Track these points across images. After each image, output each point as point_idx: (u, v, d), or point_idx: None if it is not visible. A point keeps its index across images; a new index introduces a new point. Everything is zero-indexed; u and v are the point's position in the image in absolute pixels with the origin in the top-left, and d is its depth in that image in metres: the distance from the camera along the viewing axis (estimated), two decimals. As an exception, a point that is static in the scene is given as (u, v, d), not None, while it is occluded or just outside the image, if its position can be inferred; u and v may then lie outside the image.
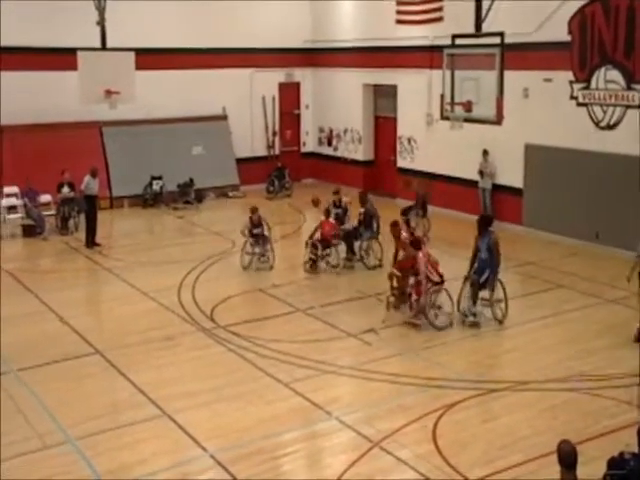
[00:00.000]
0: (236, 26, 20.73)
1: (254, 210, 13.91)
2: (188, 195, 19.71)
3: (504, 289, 10.96)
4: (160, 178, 19.62)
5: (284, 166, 21.55)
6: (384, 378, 9.19)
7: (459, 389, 8.85)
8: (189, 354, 10.18)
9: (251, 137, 22.00)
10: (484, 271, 10.84)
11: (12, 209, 17.32)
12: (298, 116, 23.19)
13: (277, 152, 22.62)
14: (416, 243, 11.14)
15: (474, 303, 10.83)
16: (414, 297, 10.77)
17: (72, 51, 16.30)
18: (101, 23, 16.67)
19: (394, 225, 12.32)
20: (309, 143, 23.34)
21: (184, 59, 20.18)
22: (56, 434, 7.91)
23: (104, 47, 16.72)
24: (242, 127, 21.57)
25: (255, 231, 13.78)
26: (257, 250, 13.80)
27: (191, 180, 19.92)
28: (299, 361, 9.69)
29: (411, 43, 18.82)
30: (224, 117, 21.44)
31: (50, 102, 18.13)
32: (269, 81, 22.01)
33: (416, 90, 19.06)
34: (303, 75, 22.79)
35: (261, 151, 22.32)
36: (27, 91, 18.02)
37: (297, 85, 22.95)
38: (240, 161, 21.42)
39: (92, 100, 16.34)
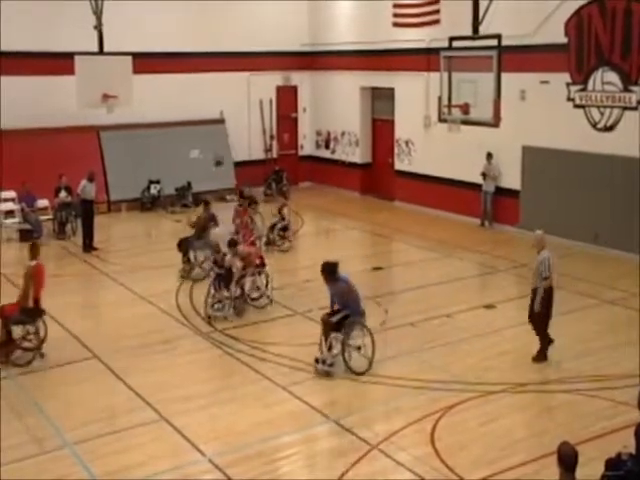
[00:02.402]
0: (233, 29, 20.75)
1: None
2: (186, 199, 19.71)
3: (371, 335, 9.48)
4: (158, 182, 19.62)
5: (282, 169, 21.57)
6: (381, 381, 9.18)
7: (456, 391, 8.84)
8: (187, 358, 10.17)
9: (249, 140, 22.03)
10: (340, 311, 9.51)
11: (9, 213, 17.31)
12: (296, 119, 23.20)
13: (275, 155, 22.63)
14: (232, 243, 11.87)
15: (329, 348, 9.40)
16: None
17: (70, 55, 16.30)
18: (98, 27, 16.67)
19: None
20: (307, 146, 23.36)
21: (181, 63, 20.20)
22: (54, 438, 7.90)
23: (101, 51, 16.71)
24: (240, 131, 21.59)
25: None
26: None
27: (189, 184, 19.93)
28: (297, 364, 9.68)
29: (408, 46, 18.85)
30: (222, 121, 21.44)
31: (48, 106, 18.12)
32: (266, 84, 22.04)
33: (413, 92, 19.09)
34: (300, 78, 22.81)
35: (259, 154, 22.33)
36: (25, 95, 18.03)
37: (294, 88, 22.97)
38: (238, 164, 21.43)
39: (90, 104, 16.32)
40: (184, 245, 13.76)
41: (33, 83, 18.15)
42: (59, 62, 17.42)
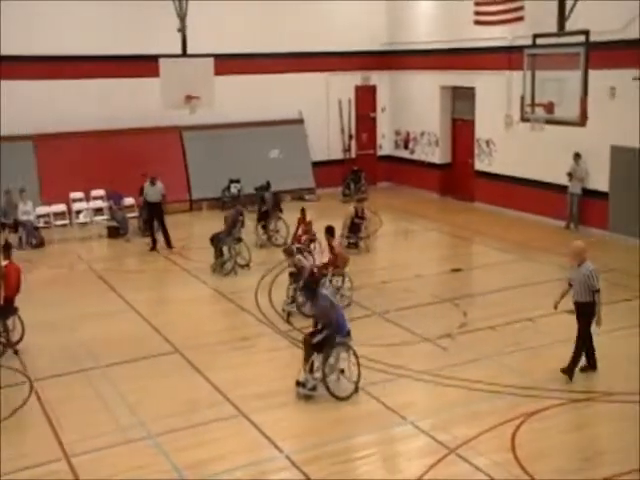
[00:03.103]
0: (313, 30, 20.86)
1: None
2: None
3: (356, 356, 8.92)
4: (238, 181, 19.96)
5: (360, 169, 21.54)
6: (460, 384, 9.04)
7: (538, 398, 8.61)
8: (265, 355, 10.31)
9: (327, 140, 22.12)
10: (322, 331, 8.94)
11: (99, 211, 18.04)
12: (374, 119, 23.14)
13: (353, 155, 22.64)
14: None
15: (310, 370, 8.85)
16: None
17: (154, 58, 16.77)
18: (182, 30, 17.08)
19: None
20: (385, 146, 23.25)
21: (261, 64, 20.47)
22: (137, 429, 8.15)
23: (184, 54, 17.13)
24: (318, 130, 21.72)
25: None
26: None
27: (268, 183, 20.14)
28: (374, 365, 9.64)
29: (490, 44, 18.49)
30: (300, 121, 21.62)
31: (133, 107, 18.73)
32: (345, 84, 22.08)
33: (495, 92, 18.71)
34: (379, 78, 22.73)
35: (337, 154, 22.40)
36: (111, 97, 18.72)
37: (373, 88, 22.91)
38: (316, 164, 21.55)
39: (173, 105, 16.74)
40: (215, 241, 14.12)
41: (119, 85, 18.79)
42: (144, 65, 17.95)
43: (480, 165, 19.74)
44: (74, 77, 18.38)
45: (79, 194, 18.28)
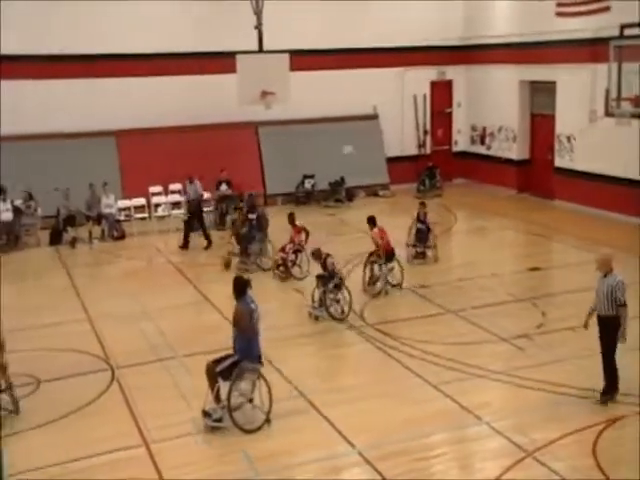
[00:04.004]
0: (387, 25, 20.65)
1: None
2: (339, 193, 19.99)
3: (267, 385, 8.20)
4: (312, 177, 20.05)
5: (435, 165, 21.27)
6: (538, 386, 8.80)
7: (624, 404, 8.28)
8: (337, 350, 10.33)
9: (401, 136, 21.93)
10: (228, 358, 8.15)
11: (176, 205, 18.45)
12: (450, 114, 22.79)
13: (428, 151, 22.38)
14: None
15: (216, 399, 8.06)
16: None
17: (231, 55, 17.00)
18: (258, 27, 17.24)
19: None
20: (461, 142, 22.87)
21: (336, 59, 20.44)
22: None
23: (261, 50, 17.29)
24: (393, 126, 21.55)
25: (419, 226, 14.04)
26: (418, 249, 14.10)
27: (342, 179, 20.18)
28: (448, 363, 9.52)
29: (572, 36, 17.87)
30: (375, 116, 21.52)
31: (209, 103, 19.02)
32: (420, 79, 21.83)
33: (577, 85, 18.10)
34: (455, 73, 22.36)
35: (412, 150, 22.18)
36: (190, 94, 19.06)
37: (449, 83, 22.57)
38: (390, 160, 21.40)
39: (249, 101, 16.93)
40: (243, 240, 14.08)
41: (197, 82, 19.08)
42: (221, 61, 18.18)
43: (560, 161, 19.14)
44: (154, 74, 18.81)
45: (158, 188, 18.76)
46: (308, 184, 20.04)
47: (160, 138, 18.96)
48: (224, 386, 7.98)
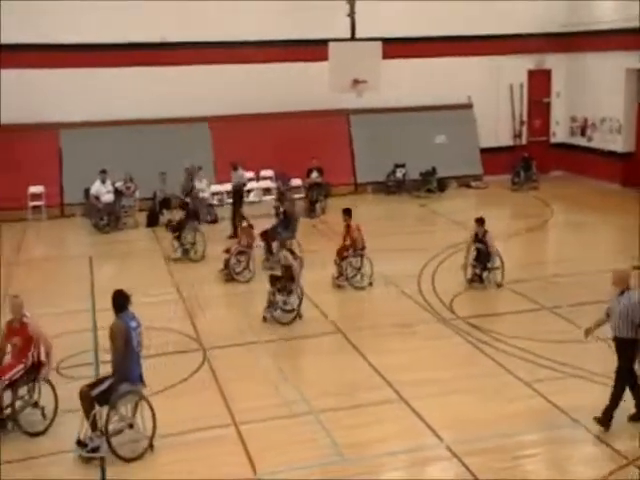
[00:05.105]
0: (483, 11, 20.04)
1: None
2: (430, 183, 19.68)
3: (151, 408, 7.53)
4: (403, 166, 19.83)
5: (531, 157, 20.58)
6: (639, 390, 8.36)
7: None
8: (427, 343, 10.16)
9: (497, 126, 21.33)
10: (104, 381, 7.44)
11: (267, 191, 18.65)
12: (548, 104, 22.01)
13: (524, 142, 21.71)
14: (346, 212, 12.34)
15: (92, 426, 7.28)
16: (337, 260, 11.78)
17: (323, 42, 16.96)
18: (351, 15, 17.15)
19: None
20: (559, 133, 22.06)
21: (429, 47, 20.05)
22: (300, 404, 8.33)
23: (353, 38, 17.19)
24: (487, 116, 21.00)
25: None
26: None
27: (433, 169, 19.86)
28: (541, 361, 9.21)
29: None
30: (469, 105, 21.04)
31: (302, 91, 19.05)
32: (517, 68, 21.21)
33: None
34: (555, 61, 21.56)
35: (507, 141, 21.58)
36: (282, 81, 19.11)
37: (548, 72, 21.78)
38: (484, 151, 20.88)
39: (341, 89, 16.93)
40: (270, 235, 13.66)
41: (288, 69, 19.08)
42: (313, 49, 18.14)
43: (669, 154, 18.14)
44: (246, 62, 18.93)
45: (249, 174, 18.99)
46: (399, 173, 19.83)
47: (251, 125, 19.19)
48: (101, 412, 7.26)
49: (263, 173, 19.10)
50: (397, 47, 18.89)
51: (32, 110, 17.62)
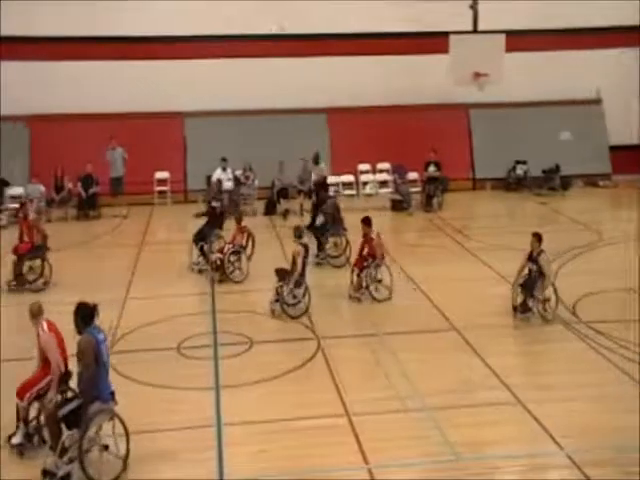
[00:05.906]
0: (614, 1, 18.94)
1: None
2: (553, 181, 18.99)
3: (125, 427, 6.85)
4: (524, 162, 19.25)
5: (666, 156, 19.41)
6: None
7: None
8: (546, 345, 9.83)
9: (629, 122, 20.20)
10: (72, 400, 6.83)
11: (384, 184, 18.59)
12: (686, 99, 20.64)
13: (659, 139, 20.49)
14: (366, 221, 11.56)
15: (60, 452, 6.58)
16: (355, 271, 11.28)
17: (444, 35, 16.66)
18: (474, 7, 16.80)
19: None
20: (698, 131, 20.64)
21: (553, 40, 19.28)
22: (414, 399, 8.24)
23: (475, 30, 16.80)
24: (618, 111, 19.91)
25: None
26: None
27: (557, 166, 19.12)
28: (672, 372, 8.64)
29: None
30: (597, 100, 20.09)
31: (420, 84, 18.83)
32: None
33: None
34: (698, 52, 20.15)
35: (640, 137, 20.44)
36: (401, 73, 18.92)
37: (687, 65, 20.41)
38: (614, 148, 19.85)
39: (461, 82, 16.71)
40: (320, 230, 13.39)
41: (407, 62, 18.88)
42: (433, 41, 17.87)
43: None
44: (365, 54, 18.84)
45: (366, 166, 19.02)
46: (520, 170, 19.25)
47: (368, 117, 19.18)
48: (70, 435, 6.62)
49: (380, 166, 19.04)
50: (520, 39, 18.25)
51: (160, 99, 18.40)
